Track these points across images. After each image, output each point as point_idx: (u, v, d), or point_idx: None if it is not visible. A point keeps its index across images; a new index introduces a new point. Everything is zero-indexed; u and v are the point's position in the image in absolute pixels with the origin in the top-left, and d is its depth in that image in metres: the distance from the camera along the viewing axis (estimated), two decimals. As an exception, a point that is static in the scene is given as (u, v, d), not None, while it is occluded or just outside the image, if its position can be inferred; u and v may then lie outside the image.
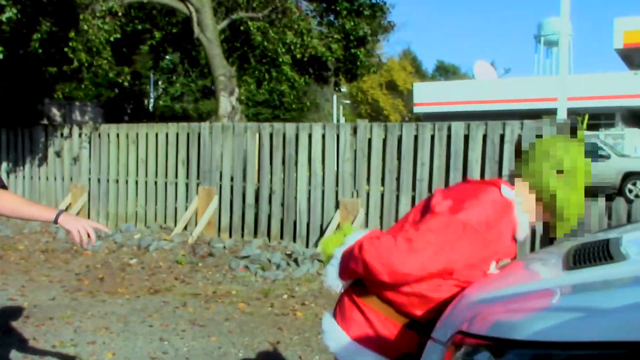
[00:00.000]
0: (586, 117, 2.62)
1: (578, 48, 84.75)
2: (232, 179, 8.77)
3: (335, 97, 38.84)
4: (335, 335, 2.21)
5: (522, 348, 1.31)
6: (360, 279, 2.18)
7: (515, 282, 1.80)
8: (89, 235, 2.52)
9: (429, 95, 31.91)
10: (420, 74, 58.27)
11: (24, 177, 10.69)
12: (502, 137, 7.18)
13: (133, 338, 5.12)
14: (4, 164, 10.78)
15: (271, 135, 8.48)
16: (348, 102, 51.71)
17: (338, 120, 38.48)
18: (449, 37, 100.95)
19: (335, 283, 2.30)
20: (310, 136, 8.26)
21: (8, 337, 5.07)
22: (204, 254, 8.05)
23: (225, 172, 8.81)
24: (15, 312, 5.75)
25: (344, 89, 32.06)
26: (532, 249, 6.83)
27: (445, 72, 63.95)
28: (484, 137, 7.27)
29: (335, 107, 39.70)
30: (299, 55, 11.22)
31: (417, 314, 2.06)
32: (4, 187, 2.74)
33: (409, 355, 2.04)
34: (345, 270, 2.22)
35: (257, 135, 8.59)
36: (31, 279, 7.10)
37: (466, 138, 7.35)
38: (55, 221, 2.61)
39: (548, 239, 6.65)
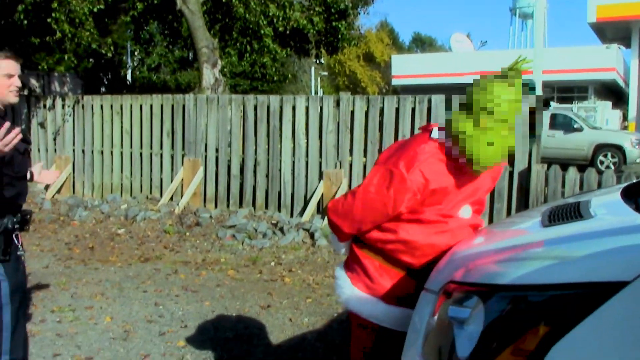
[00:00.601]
0: (524, 59, 2.60)
1: (552, 22, 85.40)
2: (217, 150, 8.92)
3: (313, 68, 38.83)
4: (344, 285, 2.45)
5: (505, 291, 1.55)
6: (365, 241, 2.42)
7: (499, 238, 2.05)
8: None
9: (407, 68, 32.08)
10: (397, 45, 58.26)
11: (6, 149, 10.70)
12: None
13: (129, 303, 5.33)
14: (-14, 135, 10.78)
15: (255, 107, 8.63)
16: (326, 73, 51.61)
17: (316, 92, 38.56)
18: (426, 8, 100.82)
19: (337, 246, 2.57)
20: (294, 108, 8.42)
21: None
22: (191, 224, 8.24)
23: (210, 143, 8.95)
24: (12, 279, 5.91)
25: (322, 61, 32.09)
26: (509, 213, 7.15)
27: (421, 44, 63.99)
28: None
29: (312, 79, 39.71)
30: (281, 28, 11.31)
31: (405, 260, 2.31)
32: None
33: (405, 299, 2.28)
34: (335, 233, 2.51)
35: (242, 107, 8.73)
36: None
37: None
38: None
39: (523, 205, 6.96)
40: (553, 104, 24.52)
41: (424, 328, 1.81)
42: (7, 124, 2.60)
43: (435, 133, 2.26)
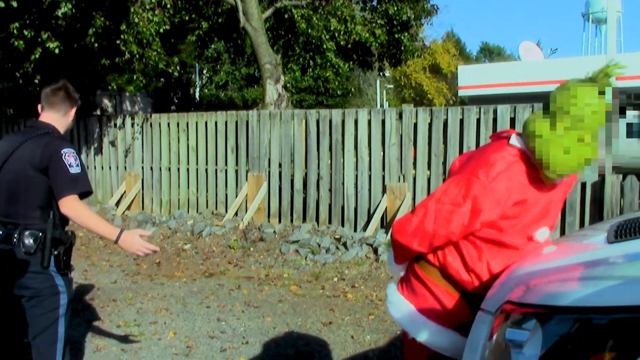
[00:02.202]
0: (617, 64, 2.38)
1: (628, 26, 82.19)
2: (280, 165, 8.96)
3: (378, 81, 38.74)
4: (401, 306, 2.34)
5: (565, 313, 1.43)
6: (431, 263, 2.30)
7: (560, 255, 1.91)
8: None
9: (473, 78, 31.36)
10: (464, 56, 57.43)
11: (80, 167, 11.07)
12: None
13: (192, 318, 5.37)
14: (61, 154, 11.18)
15: (318, 122, 8.62)
16: (391, 86, 51.42)
17: (382, 105, 38.42)
18: (493, 17, 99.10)
19: (393, 268, 2.46)
20: (356, 122, 8.37)
21: (76, 318, 5.37)
22: (255, 239, 8.27)
23: (273, 158, 9.00)
24: (81, 294, 6.07)
25: (387, 73, 31.93)
26: (582, 227, 6.85)
27: (489, 53, 62.89)
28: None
29: (378, 92, 39.60)
30: (343, 42, 11.31)
31: (474, 288, 2.17)
32: (90, 192, 3.21)
33: (463, 325, 2.14)
34: (395, 254, 2.38)
35: (304, 122, 8.75)
36: (93, 264, 7.45)
37: (512, 121, 7.35)
38: (116, 242, 3.11)
39: (597, 218, 6.65)
40: (629, 111, 23.51)
41: (480, 350, 1.70)
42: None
43: (514, 140, 2.12)
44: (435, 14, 13.08)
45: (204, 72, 26.67)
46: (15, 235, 3.01)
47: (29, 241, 3.01)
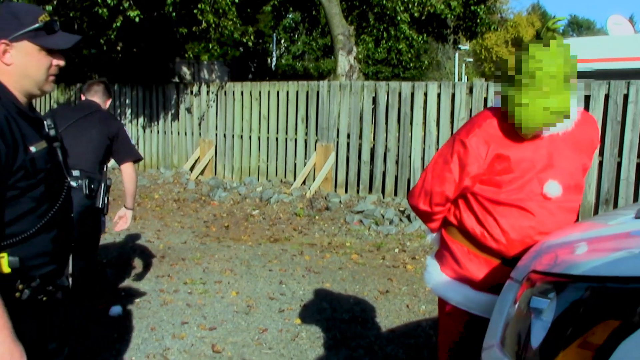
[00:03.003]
0: (555, 18, 2.38)
1: None
2: (348, 136, 9.05)
3: (457, 54, 37.95)
4: (432, 272, 2.45)
5: (578, 282, 1.48)
6: (454, 225, 2.39)
7: (588, 229, 1.94)
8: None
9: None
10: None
11: (158, 132, 11.53)
12: (625, 97, 6.94)
13: (254, 280, 5.60)
14: (140, 119, 11.68)
15: (387, 94, 8.64)
16: (471, 60, 50.27)
17: (460, 79, 37.66)
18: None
19: (430, 237, 2.58)
20: (425, 95, 8.34)
21: (147, 272, 5.71)
22: (321, 208, 8.45)
23: (342, 129, 9.09)
24: (153, 252, 6.42)
25: (466, 46, 31.20)
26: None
27: (578, 27, 60.45)
28: (606, 96, 7.06)
29: (456, 66, 38.81)
30: (417, 14, 11.21)
31: (492, 246, 2.26)
32: (139, 159, 4.47)
33: (494, 286, 2.22)
34: (420, 219, 2.56)
35: (374, 94, 8.78)
36: (165, 225, 7.81)
37: (587, 98, 7.16)
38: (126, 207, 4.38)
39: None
40: None
41: (504, 316, 1.77)
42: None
43: (493, 101, 2.30)
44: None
45: (282, 42, 26.87)
46: (80, 182, 3.84)
47: (92, 186, 3.92)
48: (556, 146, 2.21)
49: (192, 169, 10.72)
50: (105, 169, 4.21)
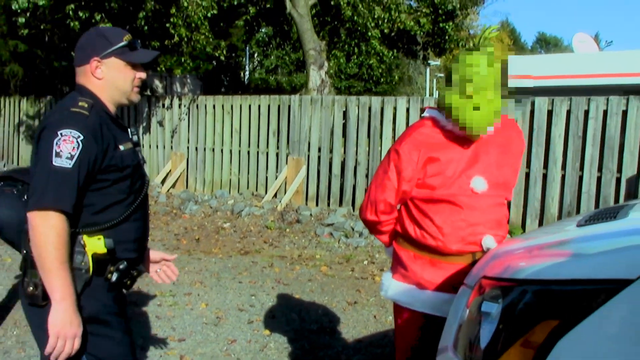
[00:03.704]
0: (491, 27, 2.56)
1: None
2: (319, 150, 9.15)
3: (428, 70, 38.44)
4: (385, 280, 2.58)
5: (520, 285, 1.59)
6: (400, 234, 2.56)
7: (533, 237, 2.06)
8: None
9: (523, 69, 30.91)
10: (518, 46, 56.43)
11: (129, 145, 11.48)
12: (586, 112, 7.16)
13: (224, 292, 5.64)
14: (112, 132, 11.62)
15: (357, 108, 8.77)
16: (442, 75, 50.93)
17: (431, 94, 38.13)
18: (552, 8, 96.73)
19: (387, 252, 2.73)
20: (395, 109, 8.49)
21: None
22: (292, 221, 8.52)
23: (313, 143, 9.19)
24: (122, 264, 6.41)
25: (437, 62, 31.60)
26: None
27: (546, 44, 61.57)
28: (568, 112, 7.28)
29: (427, 81, 39.31)
30: (386, 30, 11.39)
31: (431, 244, 2.41)
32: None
33: (440, 284, 2.40)
34: (371, 232, 2.75)
35: (344, 108, 8.91)
36: (135, 237, 7.80)
37: (550, 113, 7.37)
38: None
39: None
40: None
41: (458, 320, 1.87)
42: None
43: (426, 112, 2.47)
44: (482, 4, 13.01)
45: (255, 55, 26.96)
46: None
47: None
48: (481, 146, 2.40)
49: (163, 182, 10.72)
50: None
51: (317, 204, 9.12)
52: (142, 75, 2.22)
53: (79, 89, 2.16)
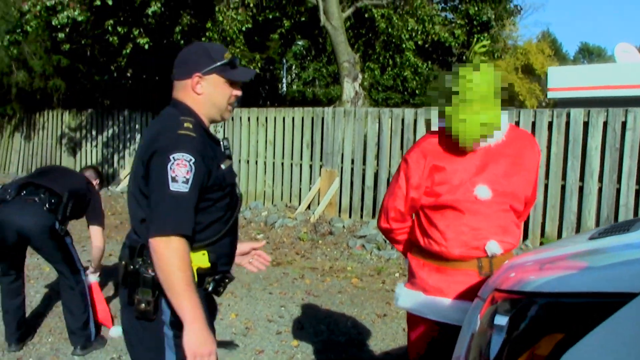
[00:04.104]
0: (481, 42, 2.56)
1: None
2: (352, 162, 9.17)
3: (466, 81, 38.10)
4: (398, 291, 2.61)
5: (529, 298, 1.58)
6: (414, 244, 2.60)
7: (545, 250, 2.04)
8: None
9: (564, 80, 30.38)
10: (559, 56, 55.49)
11: (166, 157, 11.68)
12: (623, 124, 7.02)
13: (254, 302, 5.68)
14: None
15: (391, 120, 8.77)
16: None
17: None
18: (595, 16, 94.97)
19: (405, 264, 2.75)
20: (428, 121, 8.45)
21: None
22: (325, 232, 8.54)
23: (346, 155, 9.22)
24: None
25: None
26: None
27: (589, 54, 60.52)
28: (605, 124, 7.14)
29: (466, 92, 39.02)
30: (420, 42, 11.38)
31: (436, 250, 2.44)
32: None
33: (446, 291, 2.43)
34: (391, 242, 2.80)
35: (377, 120, 8.91)
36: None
37: (586, 125, 7.25)
38: None
39: None
40: None
41: (470, 331, 1.86)
42: None
43: (435, 126, 2.53)
44: (518, 14, 12.89)
45: (293, 68, 27.15)
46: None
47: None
48: (490, 156, 2.41)
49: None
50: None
51: (349, 216, 9.12)
52: (238, 93, 2.26)
53: (176, 104, 2.21)
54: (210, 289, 2.23)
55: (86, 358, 4.36)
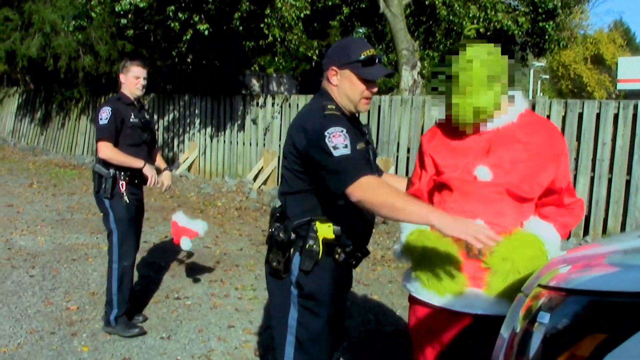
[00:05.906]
0: (472, 26, 2.45)
1: None
2: (408, 151, 9.06)
3: (532, 71, 37.20)
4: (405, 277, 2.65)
5: (570, 296, 1.50)
6: None
7: (596, 246, 1.94)
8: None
9: (636, 71, 29.25)
10: (632, 47, 53.42)
11: (224, 142, 11.86)
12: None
13: (303, 289, 5.68)
14: (208, 129, 12.05)
15: (448, 109, 8.60)
16: (547, 77, 49.13)
17: (534, 97, 36.87)
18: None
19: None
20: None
21: (201, 276, 5.91)
22: (378, 221, 8.48)
23: (402, 143, 9.12)
24: (209, 257, 6.62)
25: (541, 63, 30.49)
26: None
27: (663, 44, 57.96)
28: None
29: (531, 82, 38.04)
30: (482, 30, 11.08)
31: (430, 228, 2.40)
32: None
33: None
34: None
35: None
36: (224, 231, 8.03)
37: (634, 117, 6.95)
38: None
39: None
40: None
41: (511, 328, 1.80)
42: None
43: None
44: (586, 2, 12.41)
45: (352, 56, 27.02)
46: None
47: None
48: (499, 139, 2.37)
49: (255, 178, 10.96)
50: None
51: (404, 206, 9.01)
52: (373, 89, 2.44)
53: (321, 92, 2.49)
54: (341, 259, 2.42)
55: (105, 350, 4.45)
